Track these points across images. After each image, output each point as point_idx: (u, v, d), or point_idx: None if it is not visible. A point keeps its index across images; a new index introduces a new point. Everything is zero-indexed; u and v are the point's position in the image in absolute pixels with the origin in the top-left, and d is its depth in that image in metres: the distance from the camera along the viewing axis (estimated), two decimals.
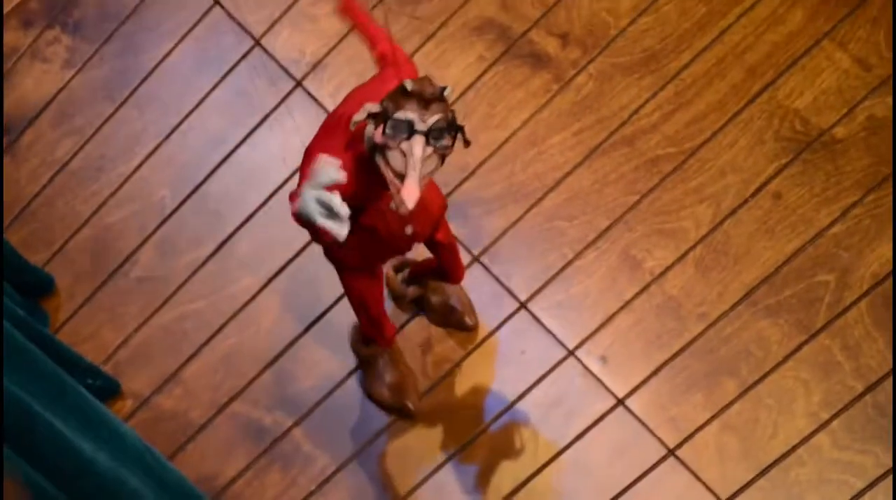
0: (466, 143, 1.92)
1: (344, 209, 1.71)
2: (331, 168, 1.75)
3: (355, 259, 2.28)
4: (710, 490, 2.62)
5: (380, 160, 1.85)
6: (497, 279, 2.82)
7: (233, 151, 3.04)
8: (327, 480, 2.77)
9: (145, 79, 3.14)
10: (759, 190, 2.79)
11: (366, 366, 2.74)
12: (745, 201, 2.78)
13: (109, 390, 2.85)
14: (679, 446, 2.66)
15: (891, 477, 2.56)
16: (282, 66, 3.09)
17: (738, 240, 2.76)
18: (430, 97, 1.82)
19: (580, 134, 2.90)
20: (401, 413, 2.75)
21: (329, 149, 1.96)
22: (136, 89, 3.13)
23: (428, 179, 1.86)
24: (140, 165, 3.07)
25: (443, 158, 1.87)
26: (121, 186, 3.06)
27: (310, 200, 1.73)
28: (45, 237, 3.04)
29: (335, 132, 1.99)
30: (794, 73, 2.86)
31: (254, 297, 2.92)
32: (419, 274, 2.75)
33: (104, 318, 2.97)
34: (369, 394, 2.75)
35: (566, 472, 2.68)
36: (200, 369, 2.90)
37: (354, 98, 2.08)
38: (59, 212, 3.06)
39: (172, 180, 3.04)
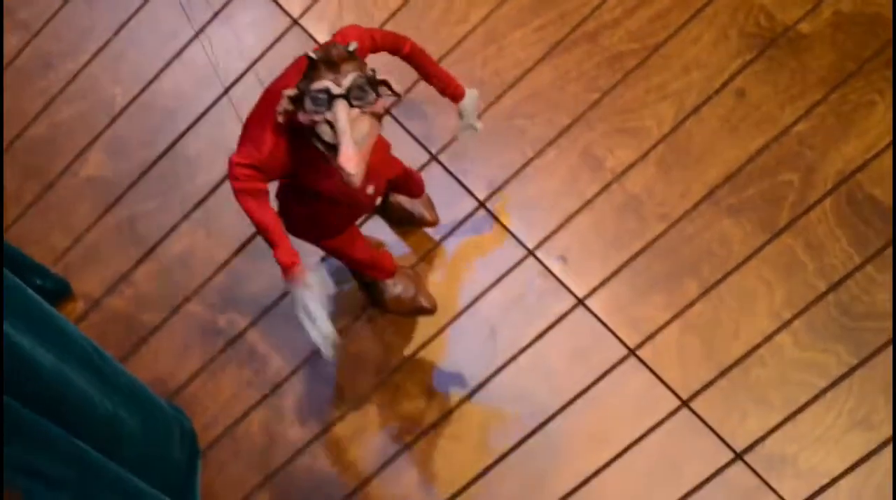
0: (396, 95, 1.85)
1: (331, 331, 1.68)
2: (319, 279, 1.72)
3: (325, 231, 2.24)
4: (671, 390, 2.60)
5: (314, 140, 1.80)
6: (455, 178, 2.77)
7: (184, 48, 2.96)
8: (283, 381, 2.73)
9: None
10: (722, 87, 2.73)
11: (372, 286, 2.68)
12: (709, 99, 2.73)
13: (59, 291, 2.80)
14: (640, 346, 2.63)
15: (854, 376, 2.55)
16: None
17: (700, 138, 2.71)
18: (337, 59, 1.76)
19: (541, 30, 2.83)
20: (422, 313, 2.71)
21: (264, 122, 1.90)
22: None
23: (370, 143, 1.80)
24: (89, 62, 2.99)
25: (378, 117, 1.81)
26: (69, 82, 2.98)
27: (301, 312, 1.70)
28: None
29: (272, 105, 1.92)
30: None
31: (206, 197, 2.86)
32: None
33: (53, 219, 2.91)
34: (384, 308, 2.69)
35: (525, 373, 2.66)
36: (153, 270, 2.84)
37: (295, 67, 2.00)
38: (4, 110, 2.98)
39: (123, 77, 2.96)
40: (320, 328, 1.67)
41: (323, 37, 2.89)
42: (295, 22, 2.91)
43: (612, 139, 2.74)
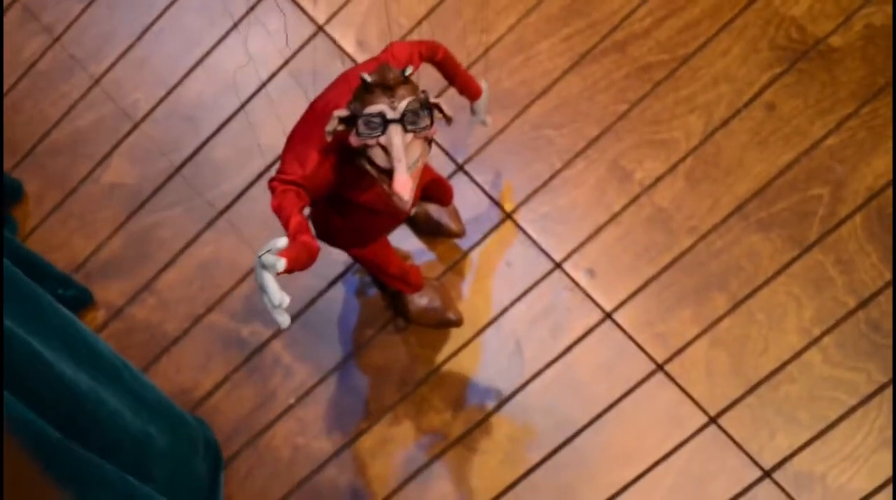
0: (448, 119, 1.82)
1: (283, 299, 1.64)
2: (276, 243, 1.67)
3: (361, 239, 2.21)
4: (699, 406, 2.58)
5: (364, 163, 1.75)
6: (482, 188, 2.75)
7: (208, 54, 2.93)
8: (307, 393, 2.71)
9: None
10: (752, 100, 2.71)
11: (398, 297, 2.66)
12: (738, 112, 2.71)
13: (81, 300, 2.77)
14: (667, 361, 2.61)
15: (885, 394, 2.53)
16: None
17: (729, 151, 2.69)
18: (393, 82, 1.71)
19: (569, 39, 2.81)
20: (448, 326, 2.69)
21: (309, 139, 1.87)
22: None
23: (420, 166, 1.77)
24: (111, 67, 2.96)
25: (429, 141, 1.78)
26: (91, 87, 2.95)
27: (259, 277, 1.66)
28: (13, 142, 2.93)
29: (318, 121, 1.89)
30: None
31: (231, 204, 2.83)
32: None
33: (75, 225, 2.88)
34: (410, 318, 2.67)
35: (552, 387, 2.64)
36: (175, 278, 2.82)
37: (343, 83, 1.97)
38: (26, 115, 2.95)
39: (145, 83, 2.94)
40: (270, 297, 1.64)
41: (349, 44, 2.86)
42: (320, 28, 2.88)
43: (641, 151, 2.72)
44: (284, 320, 1.66)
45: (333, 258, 2.71)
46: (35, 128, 2.94)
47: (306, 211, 2.03)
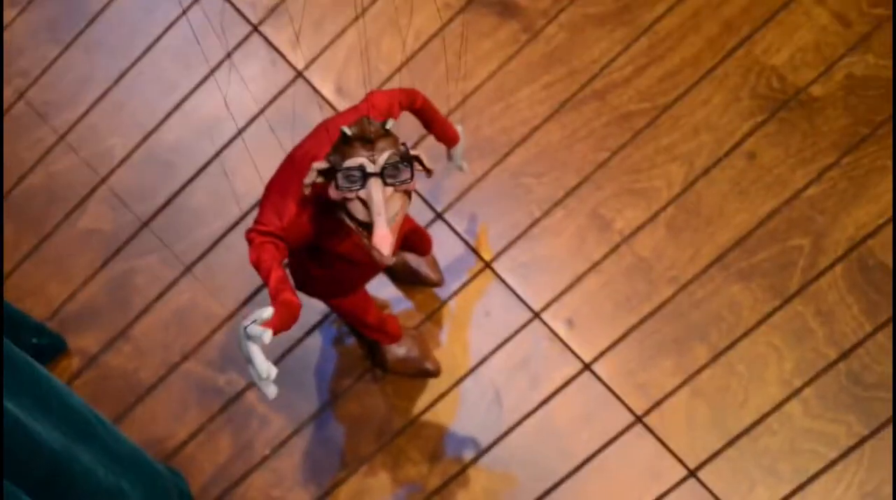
0: (428, 172, 1.79)
1: (270, 371, 1.62)
2: (261, 313, 1.65)
3: (339, 289, 2.19)
4: (678, 459, 2.56)
5: (343, 216, 1.73)
6: (461, 237, 2.73)
7: (185, 99, 2.91)
8: (283, 443, 2.68)
9: (93, 20, 2.99)
10: (733, 149, 2.70)
11: (375, 347, 2.63)
12: (719, 161, 2.69)
13: (55, 348, 2.74)
14: (647, 412, 2.59)
15: (865, 447, 2.52)
16: (237, 9, 2.94)
17: (710, 201, 2.67)
18: (374, 135, 1.69)
19: (550, 87, 2.79)
20: (426, 376, 2.66)
21: (287, 190, 1.85)
22: (82, 31, 2.98)
23: (400, 219, 1.74)
24: (88, 111, 2.93)
25: (408, 194, 1.75)
26: (67, 132, 2.92)
27: (245, 349, 1.65)
28: None
29: (297, 172, 1.87)
30: (771, 29, 2.76)
31: (207, 251, 2.81)
32: None
33: (50, 271, 2.85)
34: (388, 368, 2.64)
35: (531, 438, 2.61)
36: (151, 326, 2.79)
37: (322, 132, 1.95)
38: (2, 160, 2.92)
39: (122, 128, 2.91)
40: (257, 369, 1.62)
41: (328, 90, 2.84)
42: (299, 74, 2.87)
43: (621, 200, 2.70)
44: (271, 391, 1.64)
45: (311, 307, 2.68)
46: (10, 172, 2.91)
47: (285, 261, 2.01)
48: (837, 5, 2.76)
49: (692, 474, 2.55)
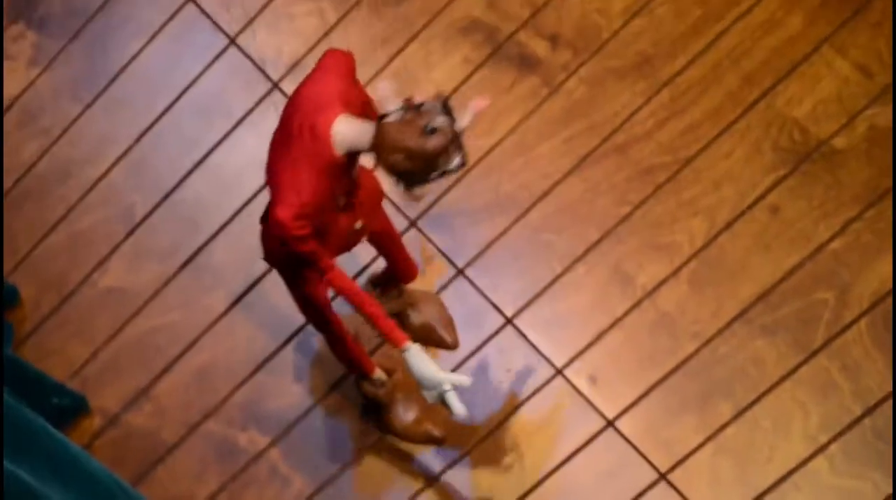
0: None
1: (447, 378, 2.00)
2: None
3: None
4: None
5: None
6: (482, 293, 2.72)
7: (207, 155, 2.92)
8: None
9: (115, 78, 3.00)
10: (755, 203, 2.68)
11: (381, 408, 2.61)
12: (742, 214, 2.68)
13: (76, 408, 2.74)
14: (671, 469, 2.57)
15: None
16: (258, 67, 2.95)
17: (733, 255, 2.66)
18: (459, 135, 1.86)
19: (570, 141, 2.79)
20: (430, 443, 2.63)
21: (297, 165, 1.90)
22: (105, 89, 3.00)
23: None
24: (110, 169, 2.94)
25: None
26: (89, 190, 2.93)
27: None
28: (10, 245, 2.91)
29: (292, 145, 1.92)
30: (792, 81, 2.75)
31: (229, 309, 2.81)
32: (380, 281, 2.63)
33: (71, 330, 2.85)
34: (393, 432, 2.61)
35: (553, 497, 2.59)
36: (172, 385, 2.78)
37: (303, 101, 1.97)
38: (24, 218, 2.93)
39: (144, 185, 2.92)
40: (439, 382, 1.77)
41: None
42: None
43: (643, 255, 2.69)
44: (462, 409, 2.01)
45: (333, 366, 2.67)
46: (33, 231, 2.92)
47: None
48: (859, 56, 2.75)
49: None
